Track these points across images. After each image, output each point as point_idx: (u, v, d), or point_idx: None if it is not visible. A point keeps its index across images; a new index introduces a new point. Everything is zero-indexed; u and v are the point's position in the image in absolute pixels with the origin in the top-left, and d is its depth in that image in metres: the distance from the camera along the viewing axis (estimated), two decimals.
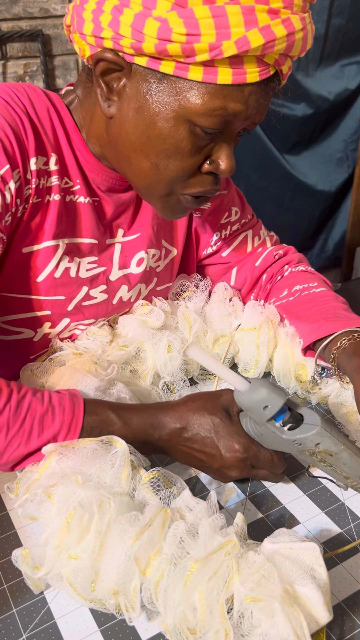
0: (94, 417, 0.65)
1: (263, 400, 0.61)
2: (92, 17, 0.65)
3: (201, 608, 0.51)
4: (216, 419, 0.66)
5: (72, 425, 0.63)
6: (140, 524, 0.55)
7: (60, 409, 0.63)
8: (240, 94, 0.64)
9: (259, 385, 0.61)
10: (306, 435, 0.62)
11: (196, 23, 0.59)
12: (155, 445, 0.68)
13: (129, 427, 0.66)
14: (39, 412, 0.62)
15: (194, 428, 0.67)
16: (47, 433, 0.62)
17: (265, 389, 0.61)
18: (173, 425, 0.67)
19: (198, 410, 0.67)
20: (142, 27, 0.61)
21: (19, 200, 0.70)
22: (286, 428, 0.63)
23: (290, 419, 0.63)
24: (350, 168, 2.56)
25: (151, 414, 0.68)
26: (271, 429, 0.63)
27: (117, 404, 0.69)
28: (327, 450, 0.63)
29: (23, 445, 0.62)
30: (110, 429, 0.65)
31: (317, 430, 0.62)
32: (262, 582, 0.51)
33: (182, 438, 0.67)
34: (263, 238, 1.01)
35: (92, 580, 0.54)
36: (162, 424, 0.67)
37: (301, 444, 0.63)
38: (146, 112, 0.67)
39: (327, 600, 0.52)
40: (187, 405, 0.68)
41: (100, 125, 0.74)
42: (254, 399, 0.61)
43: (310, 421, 0.63)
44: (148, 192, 0.75)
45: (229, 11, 0.59)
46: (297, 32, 0.63)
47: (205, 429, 0.66)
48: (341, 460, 0.63)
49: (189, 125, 0.66)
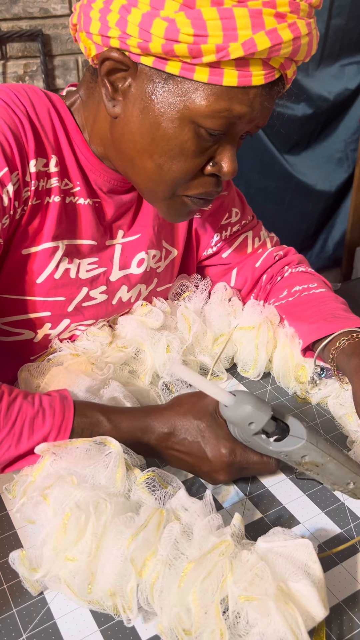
0: (84, 420, 0.65)
1: (248, 417, 0.61)
2: (100, 16, 0.65)
3: (195, 609, 0.51)
4: (202, 424, 0.66)
5: (62, 428, 0.63)
6: (135, 525, 0.55)
7: (51, 411, 0.64)
8: (246, 97, 0.65)
9: (244, 401, 0.61)
10: (292, 449, 0.62)
11: (204, 24, 0.60)
12: (145, 449, 0.68)
13: (119, 430, 0.66)
14: (30, 414, 0.63)
15: (181, 433, 0.67)
16: (37, 435, 0.62)
17: (250, 406, 0.60)
18: (161, 430, 0.67)
19: (185, 415, 0.67)
20: (149, 26, 0.61)
21: (17, 203, 0.70)
22: (272, 439, 0.64)
23: (277, 431, 0.63)
24: (350, 168, 2.55)
25: (140, 418, 0.68)
26: (257, 441, 0.64)
27: (107, 407, 0.69)
28: (313, 461, 0.63)
29: (13, 447, 0.62)
30: (100, 432, 0.65)
31: (303, 444, 0.62)
32: (256, 581, 0.51)
33: (170, 442, 0.67)
34: (263, 239, 1.01)
35: (89, 582, 0.54)
36: (151, 428, 0.67)
37: (287, 455, 0.63)
38: (151, 112, 0.67)
39: (322, 596, 0.52)
40: (174, 409, 0.68)
41: (103, 125, 0.74)
42: (239, 415, 0.61)
43: (297, 433, 0.63)
44: (151, 193, 0.75)
45: (236, 13, 0.60)
46: (303, 37, 0.63)
47: (191, 434, 0.67)
48: (327, 471, 0.64)
49: (194, 126, 0.67)
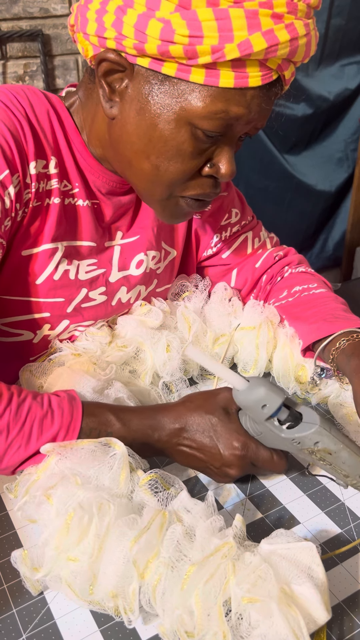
0: (93, 419, 0.65)
1: (261, 399, 0.61)
2: (96, 17, 0.65)
3: (198, 611, 0.51)
4: (214, 418, 0.66)
5: (70, 428, 0.63)
6: (138, 527, 0.55)
7: (59, 411, 0.64)
8: (243, 98, 0.64)
9: (258, 384, 0.61)
10: (305, 434, 0.62)
11: (199, 25, 0.59)
12: (154, 447, 0.68)
13: (128, 428, 0.66)
14: (39, 415, 0.62)
15: (192, 428, 0.67)
16: (46, 435, 0.62)
17: (264, 388, 0.61)
18: (172, 426, 0.67)
19: (196, 410, 0.67)
20: (145, 27, 0.61)
21: (18, 205, 0.70)
22: (285, 427, 0.63)
23: (289, 418, 0.63)
24: (350, 168, 2.55)
25: (150, 415, 0.68)
26: (270, 428, 0.63)
27: (115, 406, 0.69)
28: (326, 449, 0.63)
29: (23, 448, 0.62)
30: (109, 431, 0.65)
31: (316, 429, 0.62)
32: (259, 582, 0.51)
33: (182, 438, 0.67)
34: (263, 239, 1.01)
35: (91, 583, 0.54)
36: (161, 425, 0.67)
37: (300, 442, 0.63)
38: (148, 113, 0.67)
39: (325, 600, 0.52)
40: (185, 405, 0.68)
41: (102, 126, 0.74)
42: (252, 398, 0.61)
43: (309, 420, 0.63)
44: (148, 194, 0.75)
45: (232, 14, 0.59)
46: (301, 38, 0.63)
47: (203, 428, 0.66)
48: (340, 459, 0.63)
49: (191, 127, 0.66)
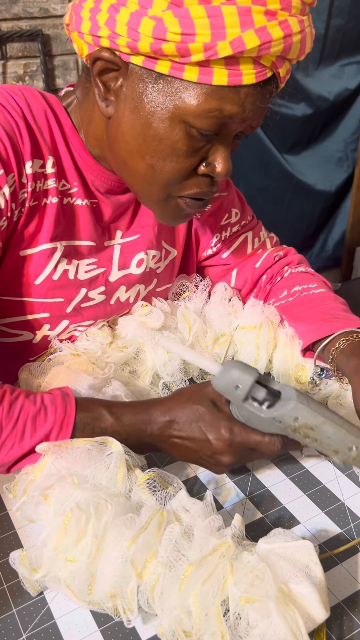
0: (86, 414, 0.65)
1: (233, 380, 0.61)
2: (90, 16, 0.65)
3: (196, 611, 0.50)
4: (202, 408, 0.66)
5: (64, 423, 0.63)
6: (136, 526, 0.55)
7: (53, 407, 0.64)
8: (237, 96, 0.64)
9: (230, 366, 0.61)
10: (283, 411, 0.61)
11: (191, 23, 0.59)
12: (148, 442, 0.68)
13: (121, 423, 0.66)
14: (32, 412, 0.63)
15: (181, 420, 0.67)
16: (40, 432, 0.62)
17: (236, 370, 0.61)
18: (162, 419, 0.67)
19: (185, 402, 0.67)
20: (137, 25, 0.61)
21: (14, 205, 0.70)
22: (264, 407, 0.63)
23: (268, 397, 0.62)
24: (350, 168, 2.56)
25: (142, 409, 0.68)
26: (250, 410, 0.63)
27: (108, 401, 0.69)
28: (306, 424, 0.61)
29: (17, 445, 0.62)
30: (102, 426, 0.65)
31: (293, 404, 0.61)
32: (256, 582, 0.51)
33: (172, 430, 0.67)
34: (263, 239, 1.01)
35: (89, 583, 0.54)
36: (153, 418, 0.67)
37: (281, 421, 0.62)
38: (142, 112, 0.67)
39: (323, 598, 0.52)
40: (175, 398, 0.69)
41: (99, 126, 0.74)
42: (225, 381, 0.61)
43: (287, 396, 0.62)
44: (146, 195, 0.75)
45: (224, 11, 0.59)
46: (295, 35, 0.63)
47: (192, 419, 0.66)
48: (325, 434, 0.62)
49: (185, 126, 0.66)
